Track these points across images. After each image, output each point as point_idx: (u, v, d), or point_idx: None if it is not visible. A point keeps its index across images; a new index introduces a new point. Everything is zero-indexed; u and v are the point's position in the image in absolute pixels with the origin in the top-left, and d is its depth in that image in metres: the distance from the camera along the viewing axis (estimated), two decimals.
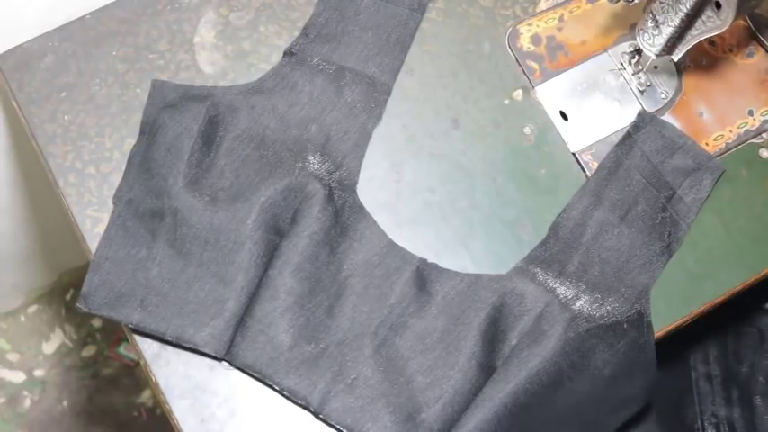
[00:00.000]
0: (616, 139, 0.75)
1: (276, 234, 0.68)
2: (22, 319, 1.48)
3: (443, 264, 0.70)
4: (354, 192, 0.72)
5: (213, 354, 0.66)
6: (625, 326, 0.68)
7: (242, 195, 0.68)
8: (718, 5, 0.65)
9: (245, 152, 0.71)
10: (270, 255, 0.67)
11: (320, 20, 0.76)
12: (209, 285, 0.67)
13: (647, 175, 0.72)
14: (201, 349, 0.66)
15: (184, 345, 0.66)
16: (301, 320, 0.66)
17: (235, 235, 0.66)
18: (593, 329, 0.67)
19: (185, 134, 0.69)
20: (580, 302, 0.68)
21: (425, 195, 0.74)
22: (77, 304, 0.67)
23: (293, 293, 0.66)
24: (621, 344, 0.67)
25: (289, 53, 0.75)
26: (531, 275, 0.69)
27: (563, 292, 0.69)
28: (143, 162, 0.71)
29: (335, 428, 0.66)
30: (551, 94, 0.77)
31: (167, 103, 0.72)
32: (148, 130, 0.72)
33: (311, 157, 0.71)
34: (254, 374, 0.67)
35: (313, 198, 0.68)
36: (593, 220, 0.71)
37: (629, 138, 0.73)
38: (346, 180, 0.71)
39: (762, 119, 0.78)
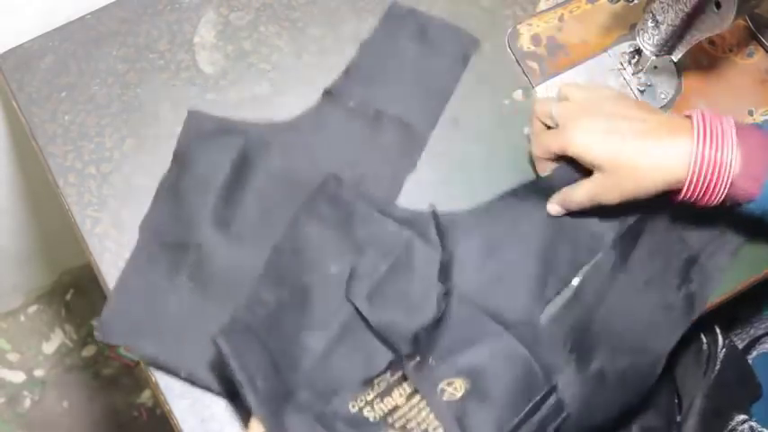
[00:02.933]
0: None
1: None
2: (22, 319, 1.48)
3: None
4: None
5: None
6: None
7: (268, 236, 0.68)
8: (718, 5, 0.65)
9: (276, 191, 0.70)
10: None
11: (361, 62, 0.75)
12: None
13: (672, 240, 0.71)
14: (213, 390, 0.66)
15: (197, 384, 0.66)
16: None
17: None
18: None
19: (217, 168, 0.68)
20: (595, 364, 0.68)
21: (426, 195, 0.74)
22: (95, 333, 0.66)
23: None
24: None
25: (327, 93, 0.74)
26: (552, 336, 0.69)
27: (582, 354, 0.68)
28: (172, 192, 0.70)
29: None
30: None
31: (201, 133, 0.71)
32: (180, 160, 0.71)
33: None
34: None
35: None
36: (619, 281, 0.70)
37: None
38: None
39: (762, 119, 0.78)
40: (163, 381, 0.67)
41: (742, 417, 0.74)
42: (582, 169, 0.67)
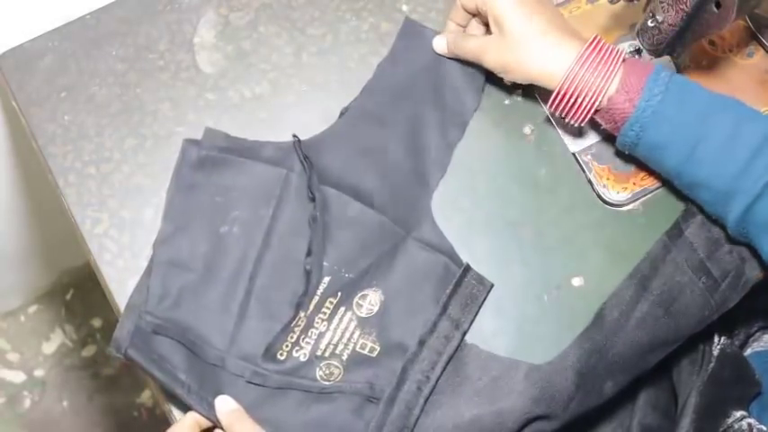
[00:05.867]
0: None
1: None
2: (22, 319, 1.48)
3: None
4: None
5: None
6: None
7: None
8: (719, 5, 0.65)
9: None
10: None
11: (378, 82, 0.75)
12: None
13: (694, 268, 0.70)
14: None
15: None
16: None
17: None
18: None
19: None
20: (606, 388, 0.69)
21: None
22: (109, 348, 0.66)
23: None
24: None
25: (344, 113, 0.74)
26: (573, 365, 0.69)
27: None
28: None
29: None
30: (551, 93, 0.77)
31: (218, 151, 0.71)
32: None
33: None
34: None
35: None
36: (638, 310, 0.69)
37: (678, 226, 0.72)
38: None
39: None
40: None
41: (740, 413, 0.74)
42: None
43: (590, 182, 0.75)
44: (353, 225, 0.69)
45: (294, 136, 0.71)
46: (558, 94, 0.67)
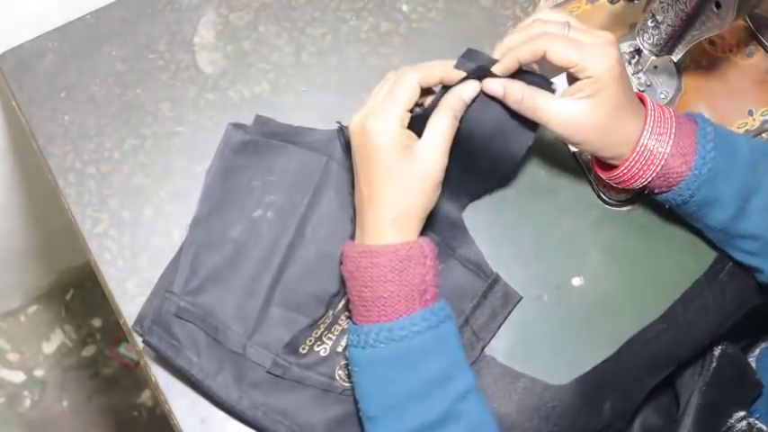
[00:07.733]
0: None
1: None
2: (22, 319, 1.48)
3: None
4: None
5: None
6: None
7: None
8: (718, 5, 0.65)
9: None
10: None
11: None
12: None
13: (717, 311, 0.71)
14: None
15: None
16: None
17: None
18: None
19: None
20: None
21: None
22: (133, 326, 0.66)
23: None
24: None
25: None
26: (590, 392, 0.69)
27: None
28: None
29: None
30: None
31: (262, 133, 0.71)
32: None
33: None
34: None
35: None
36: (655, 344, 0.70)
37: (714, 267, 0.72)
38: None
39: (762, 119, 0.78)
40: (163, 380, 0.67)
41: (741, 413, 0.74)
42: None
43: (590, 182, 0.75)
44: None
45: (338, 123, 0.70)
46: (630, 162, 0.64)
